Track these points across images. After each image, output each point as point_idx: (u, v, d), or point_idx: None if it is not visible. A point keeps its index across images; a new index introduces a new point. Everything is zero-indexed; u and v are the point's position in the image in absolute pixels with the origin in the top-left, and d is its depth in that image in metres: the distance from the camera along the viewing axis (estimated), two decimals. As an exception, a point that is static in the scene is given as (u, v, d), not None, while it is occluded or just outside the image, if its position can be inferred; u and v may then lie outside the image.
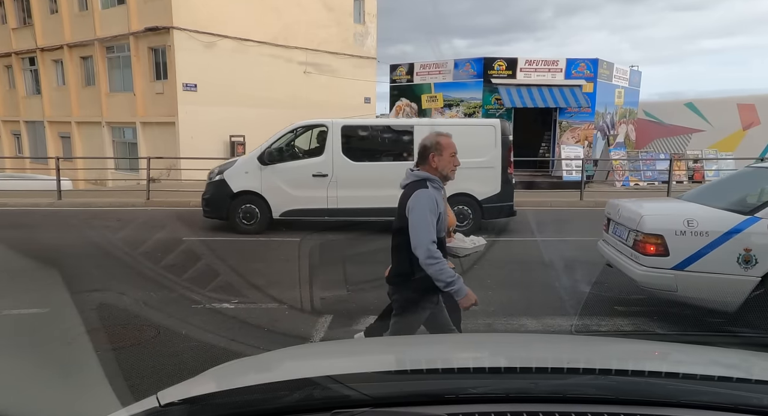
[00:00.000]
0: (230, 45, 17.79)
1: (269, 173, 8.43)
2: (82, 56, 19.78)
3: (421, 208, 2.55)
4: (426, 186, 2.61)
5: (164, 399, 1.12)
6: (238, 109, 18.12)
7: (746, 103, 16.82)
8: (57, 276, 5.50)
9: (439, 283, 2.56)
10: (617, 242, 4.87)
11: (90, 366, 3.33)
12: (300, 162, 8.63)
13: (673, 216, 4.31)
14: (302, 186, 8.38)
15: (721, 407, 1.05)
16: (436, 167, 2.68)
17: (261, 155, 8.46)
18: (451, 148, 2.71)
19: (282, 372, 1.33)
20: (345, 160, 8.40)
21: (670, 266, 4.14)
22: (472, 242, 3.18)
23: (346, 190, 8.38)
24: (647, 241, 4.22)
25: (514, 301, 5.14)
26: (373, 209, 8.39)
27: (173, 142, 16.97)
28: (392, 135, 8.83)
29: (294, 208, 8.48)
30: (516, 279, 6.06)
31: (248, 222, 8.48)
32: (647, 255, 4.23)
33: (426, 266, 2.54)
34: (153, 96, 17.73)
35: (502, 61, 15.43)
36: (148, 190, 12.16)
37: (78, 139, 20.41)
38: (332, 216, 8.57)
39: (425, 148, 2.70)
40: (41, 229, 9.15)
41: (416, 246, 2.54)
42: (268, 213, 8.47)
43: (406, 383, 1.16)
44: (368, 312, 4.81)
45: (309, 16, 20.11)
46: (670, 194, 12.64)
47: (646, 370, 1.22)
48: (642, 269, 4.26)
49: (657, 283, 4.25)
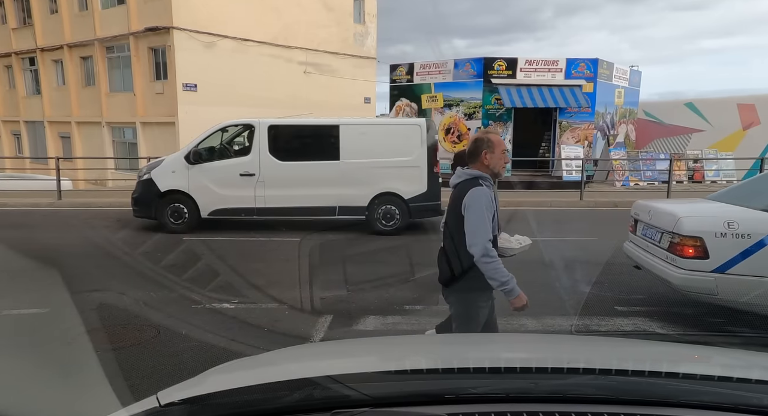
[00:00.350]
0: (230, 45, 17.79)
1: (196, 172, 8.44)
2: (82, 56, 19.78)
3: (478, 206, 2.55)
4: (479, 184, 2.61)
5: (164, 399, 1.11)
6: (238, 109, 18.04)
7: (746, 103, 16.82)
8: (57, 276, 5.51)
9: (493, 282, 2.57)
10: (648, 244, 4.77)
11: (90, 366, 3.33)
12: (227, 161, 8.64)
13: (712, 218, 4.20)
14: (230, 185, 8.40)
15: (721, 407, 1.05)
16: (488, 165, 2.67)
17: (187, 154, 8.46)
18: (501, 145, 2.70)
19: (282, 372, 1.34)
20: (272, 160, 8.40)
21: (710, 269, 4.03)
22: (518, 242, 3.09)
23: (274, 190, 8.39)
24: (685, 243, 4.12)
25: None
26: (300, 208, 8.48)
27: (173, 142, 16.96)
28: (319, 135, 8.83)
29: (222, 207, 8.51)
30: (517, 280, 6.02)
31: (176, 222, 8.49)
32: (685, 258, 4.13)
33: (481, 264, 2.53)
34: (153, 96, 17.73)
35: (502, 61, 15.42)
36: (148, 190, 12.14)
37: (78, 139, 20.40)
38: (261, 216, 8.60)
39: (477, 147, 2.68)
40: (41, 229, 9.15)
41: (472, 245, 2.53)
42: (196, 212, 8.49)
43: (406, 383, 1.16)
44: (368, 312, 4.79)
45: (309, 16, 20.11)
46: (670, 194, 12.64)
47: (646, 370, 1.22)
48: (680, 272, 4.15)
49: (695, 287, 4.14)
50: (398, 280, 5.75)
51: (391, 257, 7.33)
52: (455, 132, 16.22)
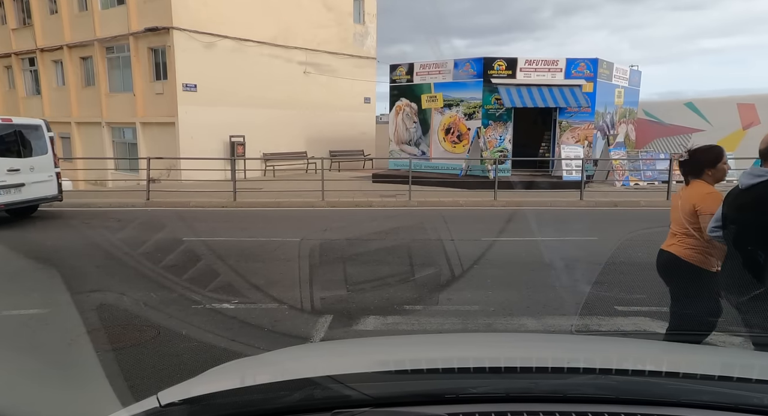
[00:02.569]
0: (230, 45, 17.77)
1: None
2: (81, 57, 19.75)
3: None
4: None
5: (165, 400, 1.12)
6: (238, 109, 18.10)
7: (746, 102, 16.81)
8: (57, 276, 5.53)
9: None
10: None
11: (90, 366, 3.33)
12: None
13: None
14: None
15: (721, 406, 1.05)
16: None
17: None
18: None
19: (282, 372, 1.34)
20: None
21: None
22: None
23: None
24: None
25: (513, 302, 5.11)
26: None
27: (173, 142, 16.95)
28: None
29: None
30: (516, 280, 6.01)
31: None
32: None
33: None
34: (153, 96, 17.72)
35: (501, 61, 15.41)
36: (148, 191, 12.16)
37: (78, 140, 20.39)
38: None
39: None
40: (41, 229, 9.14)
41: None
42: None
43: (406, 383, 1.16)
44: (368, 312, 4.79)
45: (309, 16, 20.09)
46: (671, 194, 12.64)
47: (647, 370, 1.22)
48: None
49: None
50: (398, 280, 5.74)
51: (391, 257, 7.33)
52: (455, 132, 16.21)
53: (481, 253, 7.06)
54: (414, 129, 17.19)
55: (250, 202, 12.29)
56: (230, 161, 13.45)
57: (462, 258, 6.70)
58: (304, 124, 20.29)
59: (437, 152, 16.46)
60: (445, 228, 9.25)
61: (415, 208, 11.83)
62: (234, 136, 17.88)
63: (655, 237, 6.99)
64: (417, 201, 12.24)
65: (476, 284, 5.70)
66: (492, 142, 15.56)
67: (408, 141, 17.43)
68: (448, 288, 5.56)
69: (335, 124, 21.28)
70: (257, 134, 18.44)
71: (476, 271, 6.26)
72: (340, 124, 21.52)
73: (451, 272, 6.30)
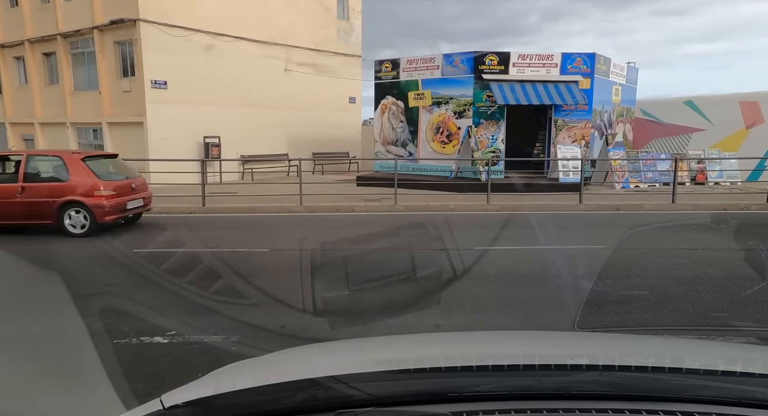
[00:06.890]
0: (203, 39, 16.66)
1: None
2: (44, 52, 18.51)
3: None
4: None
5: (168, 402, 1.13)
6: (212, 108, 17.00)
7: (749, 100, 16.03)
8: (57, 277, 5.54)
9: None
10: None
11: (93, 369, 3.26)
12: None
13: None
14: None
15: (724, 401, 1.05)
16: None
17: None
18: None
19: (285, 373, 1.31)
20: None
21: None
22: None
23: None
24: None
25: (516, 329, 4.28)
26: None
27: (141, 143, 15.79)
28: None
29: None
30: (517, 300, 5.17)
31: None
32: None
33: None
34: (120, 94, 16.53)
35: (493, 56, 14.48)
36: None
37: (42, 141, 19.14)
38: None
39: None
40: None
41: None
42: None
43: (409, 382, 1.18)
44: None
45: (290, 10, 19.07)
46: (675, 196, 11.72)
47: (650, 366, 1.24)
48: None
49: None
50: (378, 303, 5.14)
51: (370, 271, 6.40)
52: (444, 131, 15.24)
53: (474, 265, 6.46)
54: (401, 128, 16.20)
55: (221, 207, 11.35)
56: (201, 163, 12.33)
57: (453, 272, 6.07)
58: (286, 125, 19.22)
59: (425, 153, 15.47)
60: (433, 236, 8.69)
61: (400, 213, 10.94)
62: (208, 136, 16.77)
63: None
64: (403, 205, 11.32)
65: (471, 305, 4.97)
66: (484, 142, 14.62)
67: (394, 141, 16.42)
68: (437, 312, 4.72)
69: (319, 124, 20.24)
70: (234, 135, 17.34)
71: (470, 289, 5.51)
72: (324, 124, 20.49)
73: (439, 290, 5.53)
